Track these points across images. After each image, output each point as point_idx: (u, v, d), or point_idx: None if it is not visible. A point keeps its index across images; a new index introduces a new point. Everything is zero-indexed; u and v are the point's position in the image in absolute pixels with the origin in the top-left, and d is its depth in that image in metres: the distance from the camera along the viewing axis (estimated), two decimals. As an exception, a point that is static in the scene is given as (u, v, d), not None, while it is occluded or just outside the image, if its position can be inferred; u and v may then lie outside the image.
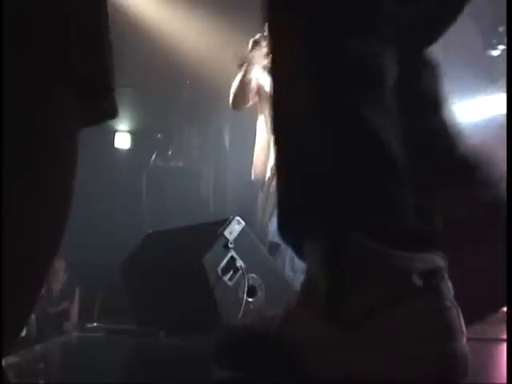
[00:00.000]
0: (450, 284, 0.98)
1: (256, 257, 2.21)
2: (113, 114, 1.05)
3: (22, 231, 1.02)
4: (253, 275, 2.17)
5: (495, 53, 4.33)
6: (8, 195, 0.97)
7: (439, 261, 0.98)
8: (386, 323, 0.95)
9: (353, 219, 0.98)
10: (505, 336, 1.57)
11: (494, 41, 4.26)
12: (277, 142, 1.08)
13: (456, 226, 1.08)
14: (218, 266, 2.11)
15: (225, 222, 2.18)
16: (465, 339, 0.96)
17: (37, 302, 1.07)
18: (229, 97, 3.82)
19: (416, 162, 1.00)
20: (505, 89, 1.24)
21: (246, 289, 2.14)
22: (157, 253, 2.45)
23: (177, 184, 6.43)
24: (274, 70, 1.09)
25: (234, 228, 2.18)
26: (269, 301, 2.16)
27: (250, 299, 2.15)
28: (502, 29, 4.09)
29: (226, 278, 2.12)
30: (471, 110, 4.67)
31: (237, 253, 2.13)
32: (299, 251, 1.08)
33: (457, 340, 0.95)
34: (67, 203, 1.07)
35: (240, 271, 2.13)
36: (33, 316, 5.23)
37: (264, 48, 3.55)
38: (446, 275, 0.98)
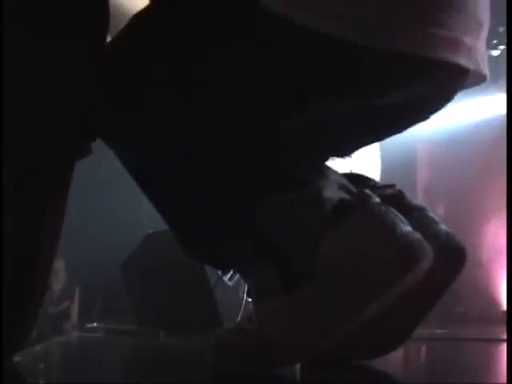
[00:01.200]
0: (369, 194, 1.01)
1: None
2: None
3: (25, 232, 1.02)
4: (253, 275, 2.17)
5: (495, 53, 4.33)
6: (10, 196, 0.97)
7: (337, 176, 1.02)
8: (339, 250, 0.98)
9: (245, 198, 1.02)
10: (505, 336, 1.57)
11: (495, 41, 4.26)
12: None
13: None
14: (218, 266, 2.10)
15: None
16: (409, 227, 0.99)
17: (42, 304, 1.07)
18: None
19: None
20: (505, 89, 1.24)
21: (246, 289, 2.13)
22: (157, 253, 2.44)
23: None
24: None
25: (234, 228, 2.17)
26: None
27: (250, 299, 2.15)
28: (502, 29, 4.10)
29: (225, 278, 2.12)
30: (471, 109, 4.68)
31: (237, 253, 2.13)
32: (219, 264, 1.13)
33: (402, 228, 0.98)
34: (65, 205, 1.07)
35: (240, 271, 2.13)
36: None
37: None
38: (363, 188, 1.02)
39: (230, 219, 1.05)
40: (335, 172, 1.07)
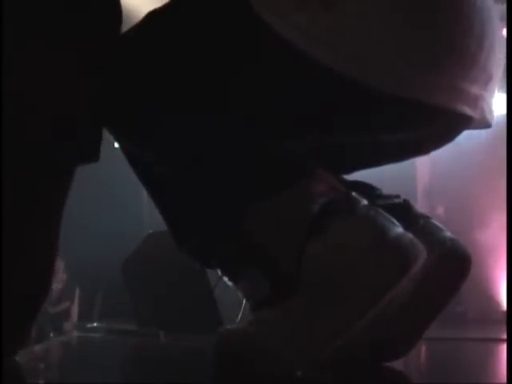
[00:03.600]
0: (358, 197, 1.01)
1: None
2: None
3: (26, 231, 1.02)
4: (253, 275, 2.16)
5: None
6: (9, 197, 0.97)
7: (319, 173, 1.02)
8: (325, 254, 0.97)
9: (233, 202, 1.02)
10: (505, 336, 1.57)
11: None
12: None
13: None
14: (218, 266, 2.10)
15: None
16: (401, 228, 0.98)
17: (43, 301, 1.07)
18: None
19: None
20: (505, 89, 1.25)
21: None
22: (157, 253, 2.45)
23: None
24: None
25: (234, 228, 2.17)
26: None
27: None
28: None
29: (226, 278, 2.11)
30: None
31: (237, 253, 2.12)
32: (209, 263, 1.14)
33: (394, 230, 0.97)
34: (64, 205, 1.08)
35: (240, 271, 2.13)
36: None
37: None
38: (350, 191, 1.02)
39: (218, 219, 1.05)
40: (325, 173, 1.06)
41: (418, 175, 4.24)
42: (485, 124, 1.13)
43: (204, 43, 1.02)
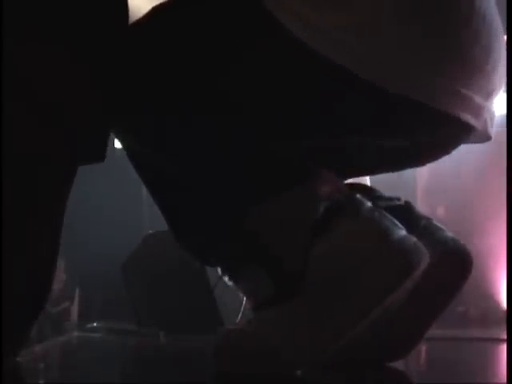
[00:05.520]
0: (362, 199, 1.01)
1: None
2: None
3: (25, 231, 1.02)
4: (253, 275, 2.16)
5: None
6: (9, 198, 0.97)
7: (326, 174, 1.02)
8: (329, 251, 0.97)
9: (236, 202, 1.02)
10: (505, 336, 1.57)
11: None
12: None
13: None
14: (218, 266, 2.10)
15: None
16: (404, 230, 0.98)
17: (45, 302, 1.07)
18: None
19: None
20: (505, 89, 1.25)
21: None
22: (157, 253, 2.45)
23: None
24: None
25: (234, 228, 2.17)
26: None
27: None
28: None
29: (226, 278, 2.11)
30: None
31: (237, 253, 2.12)
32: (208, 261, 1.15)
33: (397, 232, 0.97)
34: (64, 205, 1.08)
35: (240, 271, 2.12)
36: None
37: None
38: (355, 193, 1.02)
39: (219, 219, 1.05)
40: (329, 174, 1.06)
41: (418, 175, 4.24)
42: (485, 137, 1.14)
43: (211, 41, 1.02)
